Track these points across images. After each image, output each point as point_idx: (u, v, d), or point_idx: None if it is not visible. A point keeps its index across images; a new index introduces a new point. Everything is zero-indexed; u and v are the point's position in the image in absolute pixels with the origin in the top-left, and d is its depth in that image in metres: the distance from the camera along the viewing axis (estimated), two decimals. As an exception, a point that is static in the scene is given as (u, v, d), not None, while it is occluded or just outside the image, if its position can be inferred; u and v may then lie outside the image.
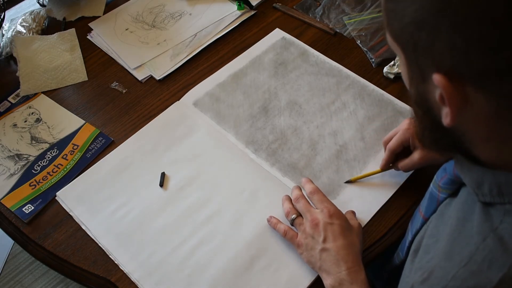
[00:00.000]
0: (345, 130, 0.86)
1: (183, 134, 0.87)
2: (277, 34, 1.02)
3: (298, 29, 1.03)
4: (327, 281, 0.65)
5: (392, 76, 0.92)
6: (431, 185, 0.61)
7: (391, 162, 0.77)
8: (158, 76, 0.96)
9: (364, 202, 0.77)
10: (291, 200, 0.75)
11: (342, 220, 0.69)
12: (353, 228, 0.70)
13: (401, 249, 0.70)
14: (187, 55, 0.99)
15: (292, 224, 0.73)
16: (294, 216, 0.72)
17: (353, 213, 0.74)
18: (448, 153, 0.54)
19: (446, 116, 0.42)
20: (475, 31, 0.36)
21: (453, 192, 0.56)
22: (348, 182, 0.79)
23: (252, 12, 1.07)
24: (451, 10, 0.37)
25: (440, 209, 0.58)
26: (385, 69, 0.93)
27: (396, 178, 0.79)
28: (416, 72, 0.44)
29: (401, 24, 0.42)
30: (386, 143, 0.78)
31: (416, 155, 0.74)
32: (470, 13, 0.36)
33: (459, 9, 0.36)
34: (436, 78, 0.40)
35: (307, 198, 0.73)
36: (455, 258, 0.46)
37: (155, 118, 0.89)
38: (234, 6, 1.07)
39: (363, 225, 0.74)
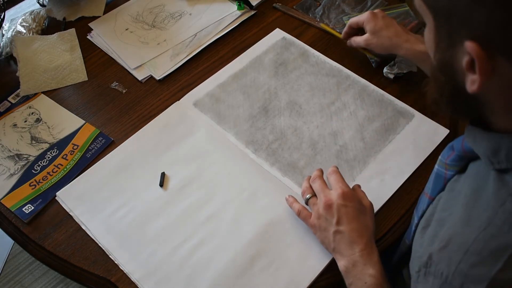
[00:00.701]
0: (345, 130, 0.86)
1: (183, 134, 0.87)
2: (278, 34, 1.02)
3: (298, 29, 1.03)
4: (341, 262, 0.67)
5: (392, 76, 0.92)
6: (436, 166, 0.61)
7: (349, 34, 0.93)
8: (158, 76, 0.96)
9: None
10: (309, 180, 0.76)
11: (355, 202, 0.69)
12: (366, 209, 0.70)
13: (407, 236, 0.70)
14: (187, 55, 0.99)
15: (306, 204, 0.73)
16: (308, 195, 0.73)
17: (359, 187, 0.74)
18: (462, 117, 0.54)
19: (472, 83, 0.43)
20: None
21: (461, 168, 0.57)
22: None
23: (252, 12, 1.07)
24: None
25: (448, 185, 0.58)
26: (385, 69, 0.93)
27: (396, 178, 0.79)
28: (444, 38, 0.45)
29: None
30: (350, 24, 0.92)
31: (363, 36, 0.89)
32: None
33: None
34: (470, 45, 0.41)
35: (326, 180, 0.74)
36: (473, 224, 0.47)
37: (155, 118, 0.89)
38: (234, 6, 1.07)
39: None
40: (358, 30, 0.91)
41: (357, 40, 0.90)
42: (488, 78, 0.42)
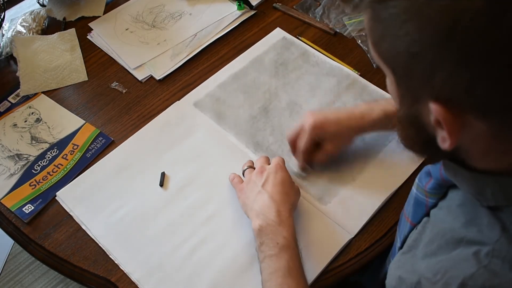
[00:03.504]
0: (345, 130, 0.86)
1: (183, 134, 0.87)
2: (278, 34, 1.02)
3: (298, 29, 1.03)
4: (256, 221, 0.67)
5: None
6: (414, 189, 0.60)
7: (308, 161, 0.79)
8: (158, 76, 0.96)
9: (364, 202, 0.77)
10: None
11: (286, 174, 0.72)
12: (294, 186, 0.73)
13: (392, 255, 0.70)
14: (187, 55, 0.99)
15: (243, 175, 0.77)
16: (246, 167, 0.76)
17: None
18: (438, 161, 0.53)
19: (443, 141, 0.41)
20: (482, 68, 0.35)
21: (442, 195, 0.56)
22: None
23: (252, 12, 1.07)
24: (454, 45, 0.35)
25: (432, 214, 0.57)
26: None
27: (396, 178, 0.79)
28: (407, 94, 0.43)
29: (392, 51, 0.40)
30: (292, 142, 0.78)
31: (327, 148, 0.77)
32: (475, 51, 0.35)
33: (463, 46, 0.35)
34: (434, 107, 0.39)
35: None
36: (471, 259, 0.45)
37: (155, 118, 0.89)
38: (234, 6, 1.07)
39: (361, 226, 0.74)
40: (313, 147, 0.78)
41: (325, 155, 0.78)
42: (459, 135, 0.40)
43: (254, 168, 0.75)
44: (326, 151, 0.77)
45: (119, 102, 0.93)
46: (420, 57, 0.38)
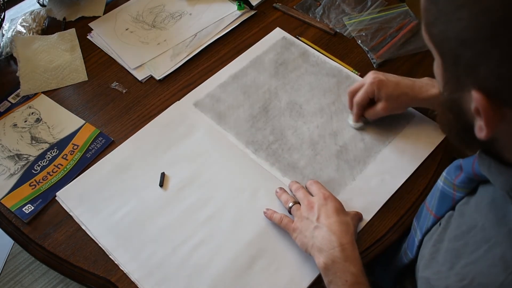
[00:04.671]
0: (346, 131, 0.86)
1: (183, 134, 0.86)
2: (278, 34, 1.02)
3: (298, 29, 1.03)
4: (320, 259, 0.64)
5: (357, 127, 0.90)
6: (441, 182, 0.60)
7: (361, 114, 0.83)
8: (158, 76, 0.96)
9: (365, 202, 0.77)
10: (286, 192, 0.76)
11: (336, 203, 0.70)
12: (349, 212, 0.71)
13: (409, 248, 0.69)
14: (187, 55, 0.99)
15: (290, 213, 0.73)
16: (291, 203, 0.73)
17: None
18: (473, 151, 0.53)
19: (480, 130, 0.41)
20: None
21: (471, 191, 0.55)
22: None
23: (252, 12, 1.07)
24: (505, 38, 0.36)
25: (458, 208, 0.56)
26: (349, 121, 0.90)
27: (396, 178, 0.79)
28: (452, 80, 0.44)
29: (443, 35, 0.40)
30: (352, 94, 0.83)
31: (379, 106, 0.80)
32: None
33: None
34: (475, 96, 0.39)
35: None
36: (499, 264, 0.45)
37: (155, 118, 0.89)
38: (234, 6, 1.07)
39: (363, 225, 0.74)
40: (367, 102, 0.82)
41: (375, 112, 0.81)
42: (496, 127, 0.40)
43: (299, 203, 0.73)
44: (377, 109, 0.80)
45: (119, 102, 0.93)
46: (469, 45, 0.38)
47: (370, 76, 0.79)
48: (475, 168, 0.52)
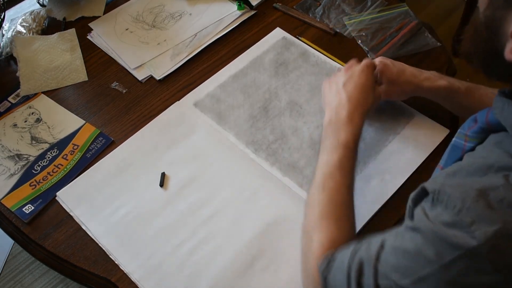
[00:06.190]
0: (345, 130, 0.86)
1: (183, 134, 0.87)
2: (278, 34, 1.02)
3: (298, 29, 1.03)
4: (327, 115, 0.73)
5: None
6: (455, 138, 0.61)
7: None
8: (158, 76, 0.96)
9: (365, 201, 0.77)
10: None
11: (368, 78, 0.75)
12: (375, 91, 0.76)
13: None
14: (187, 55, 0.99)
15: None
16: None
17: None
18: (491, 77, 0.53)
19: (511, 52, 0.43)
20: None
21: (481, 141, 0.56)
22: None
23: (252, 12, 1.07)
24: None
25: (465, 156, 0.57)
26: None
27: (396, 178, 0.79)
28: None
29: None
30: None
31: (379, 88, 0.80)
32: None
33: None
34: None
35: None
36: (500, 178, 0.45)
37: (155, 118, 0.89)
38: (234, 6, 1.07)
39: (361, 226, 0.74)
40: None
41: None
42: None
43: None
44: (378, 92, 0.80)
45: (119, 102, 0.93)
46: None
47: (378, 59, 0.82)
48: (489, 116, 0.54)
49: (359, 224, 0.75)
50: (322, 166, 0.67)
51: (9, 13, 1.12)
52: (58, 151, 0.86)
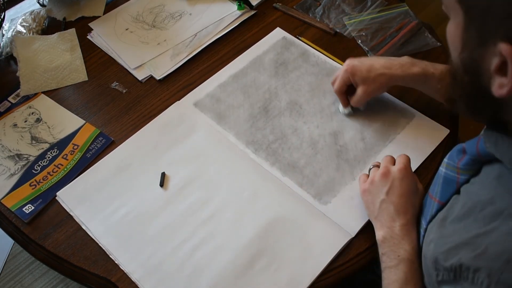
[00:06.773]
0: (346, 131, 0.86)
1: (183, 134, 0.87)
2: (278, 34, 1.02)
3: (298, 29, 1.03)
4: (379, 231, 0.68)
5: (346, 112, 0.89)
6: (443, 169, 0.60)
7: (347, 102, 0.86)
8: (158, 76, 0.96)
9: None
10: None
11: (410, 180, 0.70)
12: (419, 191, 0.71)
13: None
14: (187, 55, 0.99)
15: (369, 172, 0.75)
16: (372, 165, 0.75)
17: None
18: (479, 119, 0.53)
19: (501, 87, 0.42)
20: None
21: (475, 172, 0.55)
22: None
23: (252, 12, 1.07)
24: None
25: (463, 190, 0.57)
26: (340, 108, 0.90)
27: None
28: (474, 36, 0.44)
29: None
30: (333, 84, 0.86)
31: (359, 91, 0.82)
32: None
33: None
34: (504, 48, 0.39)
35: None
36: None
37: (155, 118, 0.89)
38: (234, 6, 1.07)
39: (361, 226, 0.74)
40: (348, 88, 0.85)
41: (358, 98, 0.83)
42: None
43: (379, 166, 0.74)
44: (358, 95, 0.81)
45: (119, 102, 0.93)
46: None
47: (345, 63, 0.82)
48: (479, 148, 0.53)
49: (359, 224, 0.75)
50: (389, 285, 0.65)
51: (9, 13, 1.12)
52: (58, 151, 0.86)
